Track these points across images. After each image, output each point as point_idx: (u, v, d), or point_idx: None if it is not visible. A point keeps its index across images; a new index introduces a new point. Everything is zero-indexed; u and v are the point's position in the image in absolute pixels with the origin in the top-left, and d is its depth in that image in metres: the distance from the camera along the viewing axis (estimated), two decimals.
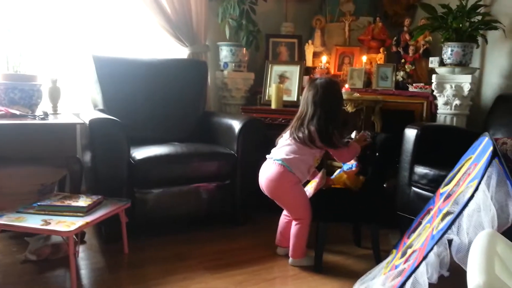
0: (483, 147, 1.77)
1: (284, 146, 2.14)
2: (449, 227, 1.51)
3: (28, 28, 2.64)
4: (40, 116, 2.30)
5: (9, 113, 2.26)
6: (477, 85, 3.09)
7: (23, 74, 2.47)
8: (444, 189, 1.94)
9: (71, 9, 3.02)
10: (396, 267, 1.70)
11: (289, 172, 2.07)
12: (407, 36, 3.40)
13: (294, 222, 2.16)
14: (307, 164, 2.12)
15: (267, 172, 2.13)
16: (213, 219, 2.67)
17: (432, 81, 2.96)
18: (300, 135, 2.08)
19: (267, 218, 2.50)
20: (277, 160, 2.10)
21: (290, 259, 2.17)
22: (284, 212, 2.28)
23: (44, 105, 2.56)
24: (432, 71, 3.07)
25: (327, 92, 2.11)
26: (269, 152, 2.22)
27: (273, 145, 2.24)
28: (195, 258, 2.20)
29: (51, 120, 2.31)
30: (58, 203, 1.94)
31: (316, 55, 3.66)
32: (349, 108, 2.94)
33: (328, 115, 2.08)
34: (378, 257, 2.15)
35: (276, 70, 3.44)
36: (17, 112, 2.28)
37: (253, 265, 2.14)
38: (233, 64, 3.41)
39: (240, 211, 2.68)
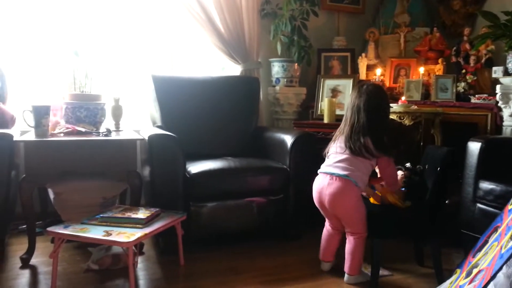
0: None
1: (341, 159, 2.06)
2: None
3: (92, 51, 2.83)
4: (104, 133, 2.43)
5: (76, 130, 2.41)
6: None
7: (89, 94, 2.63)
8: None
9: (132, 31, 3.20)
10: (461, 287, 1.60)
11: (355, 186, 2.01)
12: (467, 46, 3.26)
13: (349, 238, 2.09)
14: (366, 174, 2.08)
15: (331, 188, 2.04)
16: (265, 234, 2.67)
17: (496, 91, 2.81)
18: (357, 146, 2.02)
19: (319, 233, 2.45)
20: (341, 175, 2.02)
21: (346, 276, 2.10)
22: (327, 225, 2.23)
23: (107, 123, 2.70)
24: (496, 81, 2.91)
25: (377, 98, 2.07)
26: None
27: None
28: (249, 272, 2.19)
29: (113, 136, 2.43)
30: (119, 215, 2.03)
31: (370, 68, 3.60)
32: (406, 121, 2.84)
33: (380, 122, 2.05)
34: (440, 277, 2.03)
35: (328, 84, 3.42)
36: (83, 129, 2.43)
37: (305, 281, 2.10)
38: (285, 80, 3.43)
39: (292, 226, 2.65)
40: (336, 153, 2.11)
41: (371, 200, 2.18)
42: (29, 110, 2.31)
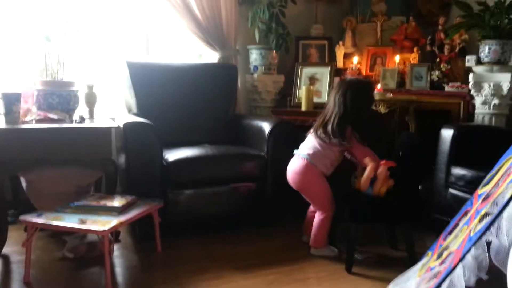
0: None
1: (308, 141, 2.27)
2: (488, 228, 1.44)
3: (65, 36, 2.75)
4: (77, 120, 2.38)
5: (48, 118, 2.35)
6: None
7: (61, 81, 2.57)
8: (482, 190, 1.86)
9: (106, 16, 3.12)
10: (432, 269, 1.64)
11: (312, 165, 2.20)
12: (442, 35, 3.32)
13: (317, 213, 2.24)
14: (329, 158, 2.22)
15: (293, 166, 2.27)
16: (244, 220, 2.68)
17: (469, 80, 2.87)
18: (319, 132, 2.20)
19: (297, 219, 2.49)
20: (302, 155, 2.23)
21: (311, 249, 2.27)
22: (310, 208, 2.39)
23: (81, 110, 2.65)
24: (469, 70, 2.97)
25: (354, 92, 2.17)
26: None
27: None
28: (226, 258, 2.21)
29: (87, 124, 2.39)
30: (94, 203, 2.00)
31: (347, 56, 3.62)
32: (381, 109, 2.88)
33: (350, 114, 2.14)
34: (412, 259, 2.08)
35: (306, 72, 3.43)
36: (55, 117, 2.38)
37: (284, 265, 2.13)
38: (263, 67, 3.42)
39: (271, 212, 2.67)
40: (309, 135, 2.29)
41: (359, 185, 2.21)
42: None
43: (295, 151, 2.31)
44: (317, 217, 2.25)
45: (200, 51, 3.48)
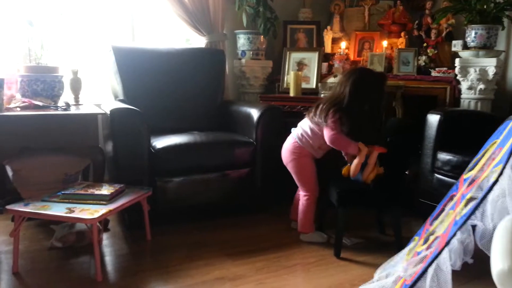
0: (508, 131, 1.72)
1: (302, 122, 2.29)
2: (473, 212, 1.47)
3: (48, 20, 2.68)
4: (62, 107, 2.34)
5: (33, 104, 2.31)
6: (502, 68, 2.99)
7: (45, 66, 2.51)
8: (468, 175, 1.90)
9: (90, 0, 3.05)
10: (418, 253, 1.68)
11: (300, 145, 2.24)
12: (429, 20, 3.32)
13: (302, 198, 2.27)
14: (317, 141, 2.22)
15: (286, 142, 2.33)
16: (233, 207, 2.69)
17: (455, 65, 2.89)
18: (311, 114, 2.21)
19: (287, 205, 2.50)
20: (293, 134, 2.29)
21: (300, 235, 2.29)
22: (298, 191, 2.40)
23: (66, 96, 2.60)
24: (455, 55, 2.99)
25: (358, 80, 2.12)
26: None
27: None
28: (216, 245, 2.22)
29: (73, 110, 2.35)
30: (82, 192, 1.99)
31: (335, 41, 3.60)
32: None
33: (348, 102, 2.11)
34: (399, 244, 2.12)
35: (294, 57, 3.41)
36: (40, 103, 2.33)
37: (273, 252, 2.15)
38: (251, 52, 3.39)
39: (260, 198, 2.68)
40: (305, 117, 2.29)
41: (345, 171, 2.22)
42: None
43: (292, 129, 2.33)
44: (302, 201, 2.28)
45: (187, 36, 3.44)
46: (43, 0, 2.86)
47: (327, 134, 2.14)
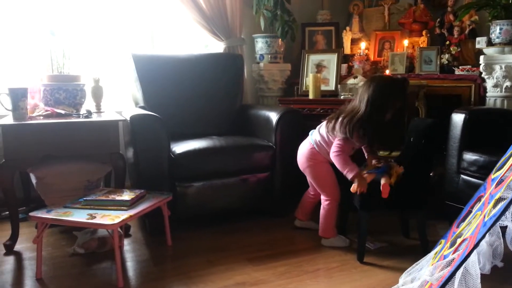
0: None
1: (320, 127, 2.26)
2: (503, 213, 1.41)
3: (70, 30, 2.74)
4: (84, 115, 2.37)
5: (55, 113, 2.35)
6: None
7: (67, 75, 2.56)
8: (496, 175, 1.82)
9: (110, 9, 3.10)
10: (445, 257, 1.62)
11: (316, 151, 2.21)
12: (451, 17, 3.24)
13: (323, 203, 2.25)
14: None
15: (302, 147, 2.30)
16: (253, 211, 2.67)
17: (480, 62, 2.81)
18: (329, 125, 2.14)
19: None
20: (310, 138, 2.27)
21: (322, 240, 2.26)
22: (309, 189, 2.41)
23: (88, 104, 2.64)
24: (480, 52, 2.91)
25: (377, 90, 1.99)
26: None
27: None
28: (237, 249, 2.20)
29: (94, 118, 2.38)
30: (103, 198, 2.00)
31: (354, 41, 3.56)
32: None
33: (369, 116, 1.99)
34: (425, 248, 2.06)
35: (313, 59, 3.38)
36: (62, 112, 2.37)
37: (294, 256, 2.11)
38: (269, 56, 3.38)
39: (280, 202, 2.66)
40: (323, 123, 2.24)
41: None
42: (6, 93, 2.25)
43: (311, 131, 2.31)
44: (323, 205, 2.24)
45: (206, 42, 3.46)
46: (65, 10, 2.93)
47: (332, 151, 2.12)
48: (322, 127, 2.22)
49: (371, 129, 2.00)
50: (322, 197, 2.26)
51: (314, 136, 2.25)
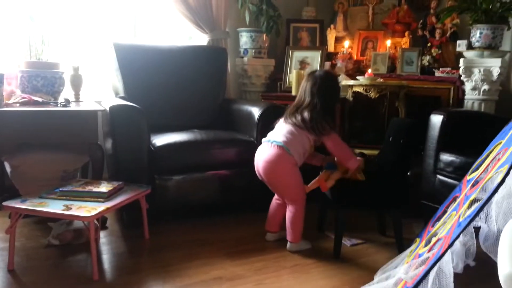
0: None
1: (280, 129, 2.15)
2: (477, 214, 1.44)
3: (50, 16, 2.66)
4: (62, 103, 2.32)
5: (32, 100, 2.29)
6: (507, 69, 2.95)
7: (46, 62, 2.50)
8: (471, 176, 1.87)
9: None
10: (420, 255, 1.65)
11: (288, 155, 2.06)
12: (433, 19, 3.28)
13: (289, 207, 2.14)
14: (303, 147, 2.12)
15: (265, 154, 2.11)
16: (233, 206, 2.66)
17: (460, 65, 2.85)
18: (294, 119, 2.12)
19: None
20: (276, 142, 2.08)
21: (289, 244, 2.15)
22: (275, 197, 2.28)
23: (67, 93, 2.58)
24: (460, 55, 2.96)
25: (325, 83, 2.14)
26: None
27: None
28: (215, 244, 2.20)
29: (73, 107, 2.33)
30: (80, 189, 1.96)
31: (338, 40, 3.58)
32: (372, 94, 2.86)
33: (323, 106, 2.10)
34: (400, 246, 2.10)
35: (297, 56, 3.38)
36: (40, 99, 2.31)
37: (272, 252, 2.12)
38: (253, 51, 3.37)
39: (260, 197, 2.65)
40: (280, 124, 2.19)
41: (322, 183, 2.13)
42: None
43: (264, 139, 2.18)
44: (291, 209, 2.12)
45: (189, 34, 3.42)
46: None
47: (333, 140, 2.10)
48: (283, 127, 2.13)
49: (330, 114, 2.15)
50: (289, 201, 2.14)
51: (280, 138, 2.09)
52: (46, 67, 2.46)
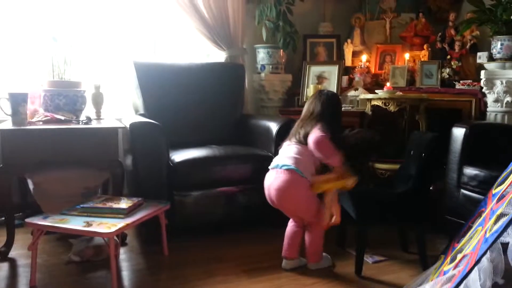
0: None
1: (287, 151, 2.05)
2: (505, 229, 1.40)
3: (72, 36, 2.74)
4: (84, 121, 2.36)
5: (55, 119, 2.34)
6: None
7: (68, 81, 2.55)
8: (497, 190, 1.81)
9: (113, 16, 3.11)
10: (445, 273, 1.60)
11: (301, 177, 1.95)
12: (452, 32, 3.25)
13: (308, 229, 2.08)
14: (314, 163, 2.02)
15: (276, 182, 1.99)
16: (251, 222, 2.64)
17: (481, 77, 2.81)
18: (298, 136, 2.06)
19: None
20: (286, 166, 1.97)
21: (309, 264, 2.09)
22: (290, 222, 2.16)
23: (88, 111, 2.63)
24: (481, 67, 2.91)
25: (331, 103, 2.12)
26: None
27: None
28: (234, 260, 2.18)
29: (94, 124, 2.37)
30: (100, 205, 1.98)
31: (355, 54, 3.57)
32: (391, 108, 2.83)
33: (327, 119, 2.06)
34: (425, 263, 2.04)
35: (314, 70, 3.38)
36: (62, 118, 2.36)
37: (291, 269, 2.08)
38: (270, 66, 3.39)
39: (278, 213, 2.62)
40: (284, 147, 2.10)
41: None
42: (6, 98, 2.24)
43: (271, 166, 2.07)
44: (311, 233, 2.06)
45: (207, 51, 3.46)
46: (68, 16, 2.93)
47: (315, 135, 1.94)
48: (289, 149, 2.05)
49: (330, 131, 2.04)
50: (308, 223, 2.07)
51: (289, 161, 1.98)
52: (68, 86, 2.51)
